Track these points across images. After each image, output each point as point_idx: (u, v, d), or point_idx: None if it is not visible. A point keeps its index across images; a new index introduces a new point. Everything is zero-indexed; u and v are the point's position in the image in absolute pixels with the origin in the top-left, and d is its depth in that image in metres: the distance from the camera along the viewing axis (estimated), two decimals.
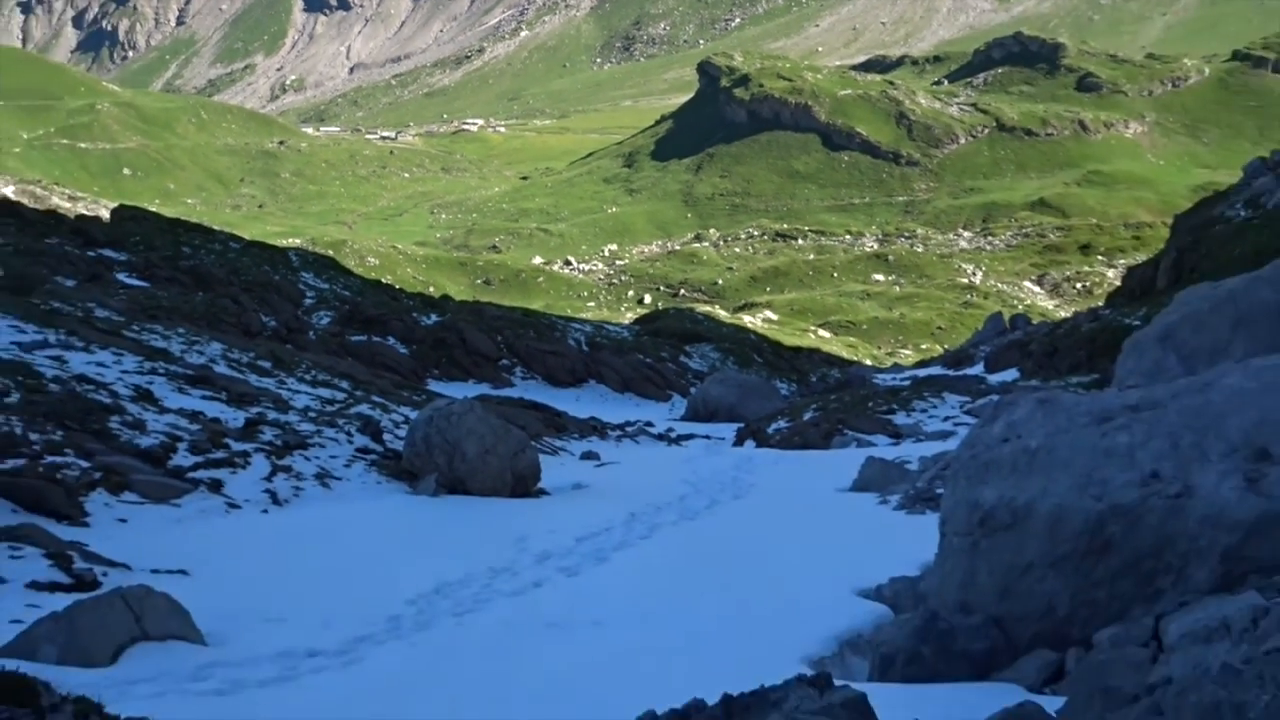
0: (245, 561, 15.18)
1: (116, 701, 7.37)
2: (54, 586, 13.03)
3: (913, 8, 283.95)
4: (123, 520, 16.11)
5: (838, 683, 7.93)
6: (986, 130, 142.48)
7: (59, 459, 17.21)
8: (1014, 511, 10.67)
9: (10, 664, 9.47)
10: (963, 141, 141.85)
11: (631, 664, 11.29)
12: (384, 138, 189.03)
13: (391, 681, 10.95)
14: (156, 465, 18.38)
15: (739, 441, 33.55)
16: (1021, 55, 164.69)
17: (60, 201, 75.83)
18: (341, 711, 9.69)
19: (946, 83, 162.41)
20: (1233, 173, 68.40)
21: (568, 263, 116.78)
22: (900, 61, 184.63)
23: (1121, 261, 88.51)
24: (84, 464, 17.28)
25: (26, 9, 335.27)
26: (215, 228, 55.87)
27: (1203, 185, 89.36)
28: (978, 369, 47.41)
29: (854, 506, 20.69)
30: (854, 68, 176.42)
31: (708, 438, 34.15)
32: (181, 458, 19.05)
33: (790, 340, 68.06)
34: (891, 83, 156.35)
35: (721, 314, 76.11)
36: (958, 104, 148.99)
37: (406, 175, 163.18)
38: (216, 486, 18.24)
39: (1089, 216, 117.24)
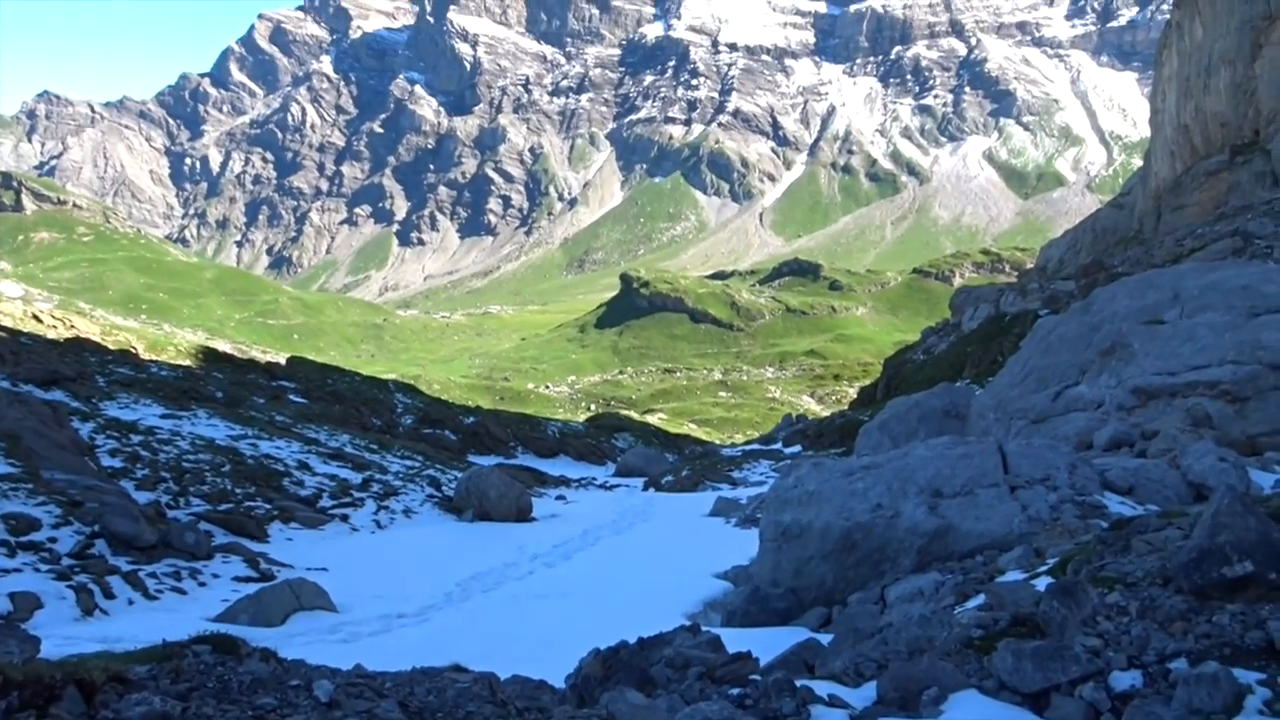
0: (361, 562, 14.85)
1: (284, 649, 7.16)
2: (248, 579, 12.68)
3: (739, 244, 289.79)
4: (289, 539, 15.74)
5: (704, 628, 7.86)
6: (780, 312, 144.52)
7: (253, 504, 16.83)
8: (801, 527, 10.68)
9: (222, 627, 9.18)
10: (767, 318, 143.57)
11: (585, 619, 11.13)
12: (443, 317, 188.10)
13: (447, 631, 10.72)
14: (310, 506, 18.01)
15: (645, 488, 33.35)
16: (798, 270, 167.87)
17: (256, 354, 74.66)
18: (417, 650, 9.47)
19: (758, 285, 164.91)
20: (915, 335, 69.69)
21: (547, 387, 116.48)
22: (732, 274, 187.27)
23: (857, 384, 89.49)
24: (267, 506, 16.90)
25: (239, 245, 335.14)
26: (346, 368, 55.23)
27: (900, 341, 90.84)
28: (779, 446, 47.64)
29: (711, 525, 20.58)
30: (707, 277, 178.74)
31: (628, 486, 33.96)
32: (325, 501, 18.69)
33: (674, 430, 67.96)
34: (727, 285, 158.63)
35: (634, 415, 75.83)
36: (764, 296, 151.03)
37: (456, 338, 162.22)
38: (345, 518, 17.88)
39: (838, 359, 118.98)
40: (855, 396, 66.84)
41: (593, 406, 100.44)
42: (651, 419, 78.83)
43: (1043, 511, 9.53)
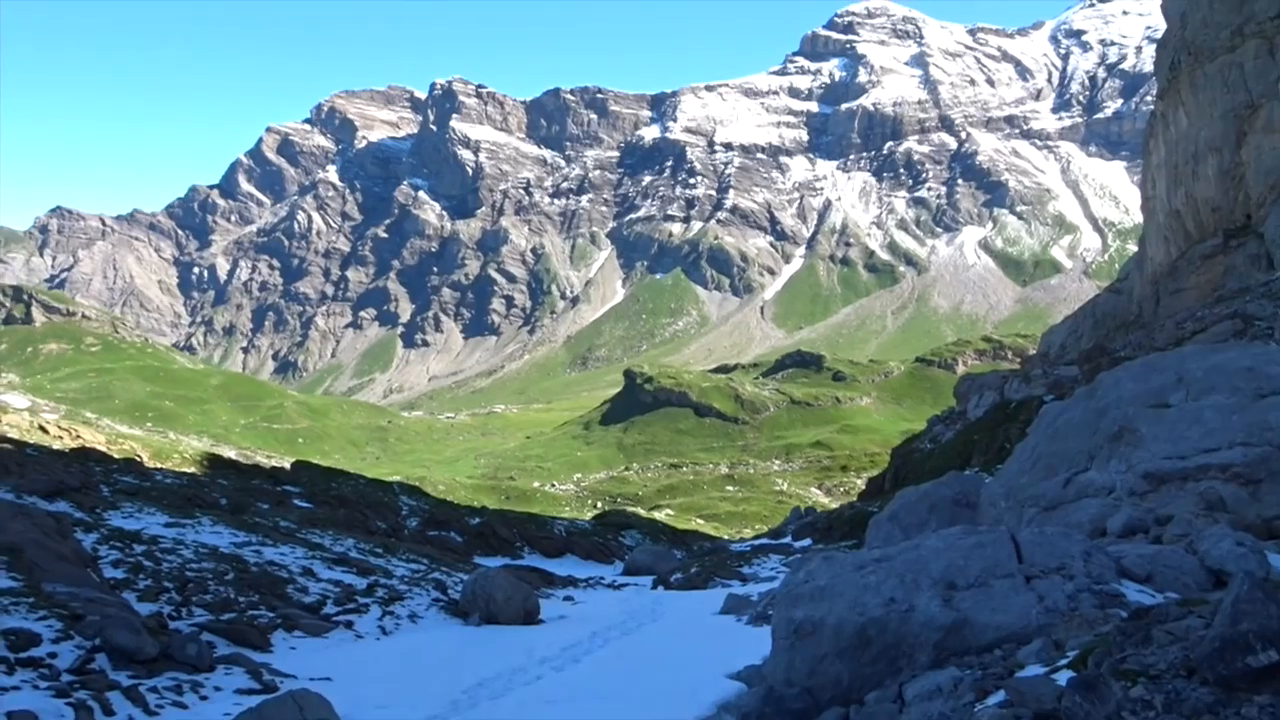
0: (366, 671, 14.54)
1: None
2: (250, 691, 12.40)
3: (741, 338, 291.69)
4: (293, 648, 15.45)
5: None
6: (785, 404, 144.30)
7: (256, 612, 16.58)
8: (814, 624, 10.48)
9: None
10: (772, 410, 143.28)
11: None
12: (448, 417, 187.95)
13: None
14: (314, 613, 17.72)
15: (654, 587, 32.78)
16: (801, 361, 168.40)
17: (261, 459, 74.53)
18: None
19: (761, 377, 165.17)
20: (921, 424, 69.39)
21: (552, 485, 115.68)
22: (735, 367, 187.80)
23: (865, 475, 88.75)
24: (270, 614, 16.64)
25: (245, 351, 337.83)
26: (351, 471, 54.96)
27: (906, 431, 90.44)
28: (788, 540, 47.01)
29: (722, 623, 20.18)
30: (710, 371, 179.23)
31: (636, 585, 33.36)
32: (329, 608, 18.40)
33: (681, 525, 67.16)
34: (731, 378, 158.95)
35: (641, 512, 75.03)
36: (768, 389, 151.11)
37: (461, 439, 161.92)
38: (349, 625, 17.57)
39: (845, 450, 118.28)
40: (863, 487, 66.08)
41: (599, 504, 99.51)
42: (659, 515, 78.04)
43: (1060, 602, 9.35)
